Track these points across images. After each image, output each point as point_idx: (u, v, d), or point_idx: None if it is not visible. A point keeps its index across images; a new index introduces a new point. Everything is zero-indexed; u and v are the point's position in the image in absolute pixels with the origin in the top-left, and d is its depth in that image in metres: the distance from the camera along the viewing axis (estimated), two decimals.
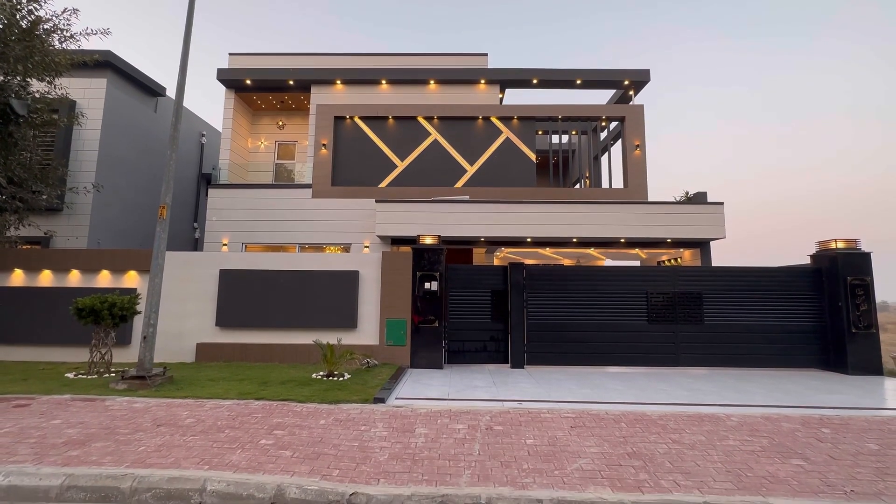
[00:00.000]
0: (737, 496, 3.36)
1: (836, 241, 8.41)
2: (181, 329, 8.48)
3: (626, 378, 7.37)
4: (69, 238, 11.18)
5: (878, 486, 3.57)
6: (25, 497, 3.32)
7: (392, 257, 8.69)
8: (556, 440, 4.38)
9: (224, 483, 3.37)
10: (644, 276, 8.85)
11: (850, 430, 4.76)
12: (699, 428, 4.75)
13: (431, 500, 3.28)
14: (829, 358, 8.24)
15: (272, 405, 5.33)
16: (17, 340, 8.36)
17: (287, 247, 12.66)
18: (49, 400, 5.43)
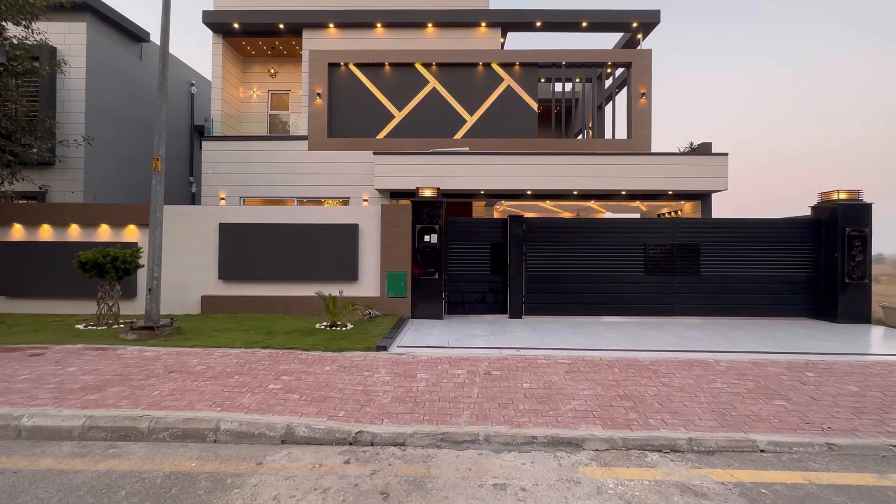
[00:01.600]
0: (720, 433, 3.57)
1: (838, 192, 8.35)
2: (185, 282, 8.61)
3: (621, 327, 7.58)
4: (65, 193, 11.07)
5: (853, 423, 3.78)
6: (50, 436, 3.53)
7: (391, 210, 8.66)
8: (551, 384, 4.58)
9: (236, 423, 3.57)
10: (643, 228, 8.87)
11: (833, 374, 4.97)
12: (689, 372, 4.96)
13: (433, 437, 3.49)
14: (821, 308, 8.44)
15: (278, 353, 5.53)
16: (25, 294, 8.52)
17: (285, 200, 12.57)
18: (62, 349, 5.62)
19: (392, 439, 3.48)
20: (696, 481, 2.97)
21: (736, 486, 2.92)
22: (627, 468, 3.14)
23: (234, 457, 3.25)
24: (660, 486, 2.91)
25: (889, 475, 3.07)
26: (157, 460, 3.19)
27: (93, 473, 2.99)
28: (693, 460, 3.26)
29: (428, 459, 3.23)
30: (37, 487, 2.81)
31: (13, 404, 3.86)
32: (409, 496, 2.75)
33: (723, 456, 3.34)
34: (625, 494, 2.80)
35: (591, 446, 3.43)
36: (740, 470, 3.13)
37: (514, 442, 3.47)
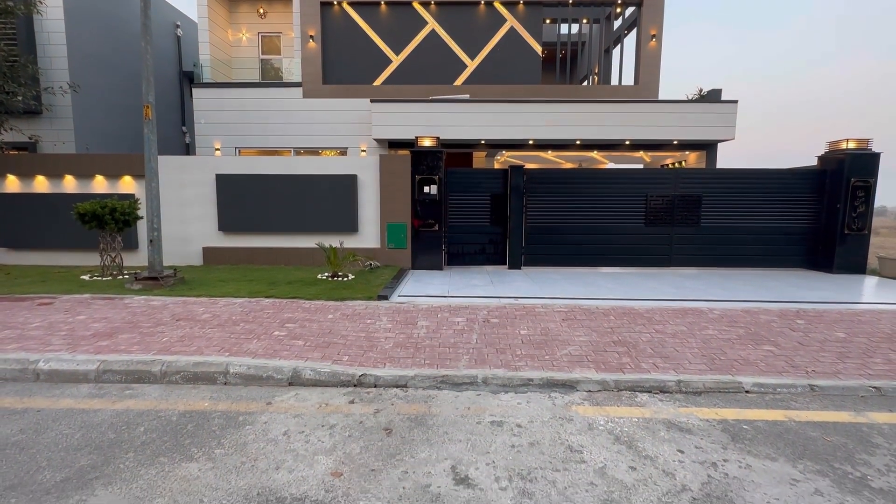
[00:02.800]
0: (708, 375, 3.73)
1: (847, 141, 8.16)
2: (185, 234, 8.63)
3: (619, 277, 7.70)
4: (56, 143, 10.82)
5: (837, 367, 3.94)
6: (67, 379, 3.69)
7: (390, 161, 8.51)
8: (548, 331, 4.72)
9: (245, 367, 3.72)
10: (645, 178, 8.75)
11: (822, 322, 5.11)
12: (682, 320, 5.09)
13: (433, 379, 3.65)
14: (818, 258, 8.51)
15: (282, 302, 5.65)
16: (28, 246, 8.56)
17: (281, 151, 12.31)
18: (70, 299, 5.74)
19: (394, 381, 3.64)
20: (682, 419, 3.14)
21: (720, 422, 3.09)
22: (618, 407, 3.31)
23: (245, 397, 3.42)
24: (647, 423, 3.08)
25: (865, 413, 3.24)
26: (172, 400, 3.35)
27: (111, 412, 3.16)
28: (681, 400, 3.43)
29: (429, 400, 3.40)
30: (60, 424, 2.98)
31: (29, 350, 4.00)
32: (412, 432, 2.92)
33: (709, 396, 3.51)
34: (614, 430, 2.97)
35: (584, 388, 3.60)
36: (725, 409, 3.30)
37: (510, 384, 3.63)
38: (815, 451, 2.74)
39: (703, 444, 2.80)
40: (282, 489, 2.33)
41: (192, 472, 2.47)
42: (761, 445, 2.80)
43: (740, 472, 2.53)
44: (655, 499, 2.29)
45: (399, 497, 2.28)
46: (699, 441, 2.84)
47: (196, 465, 2.54)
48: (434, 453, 2.68)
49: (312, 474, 2.46)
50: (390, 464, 2.57)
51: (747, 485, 2.41)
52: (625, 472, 2.52)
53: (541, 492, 2.33)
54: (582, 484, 2.40)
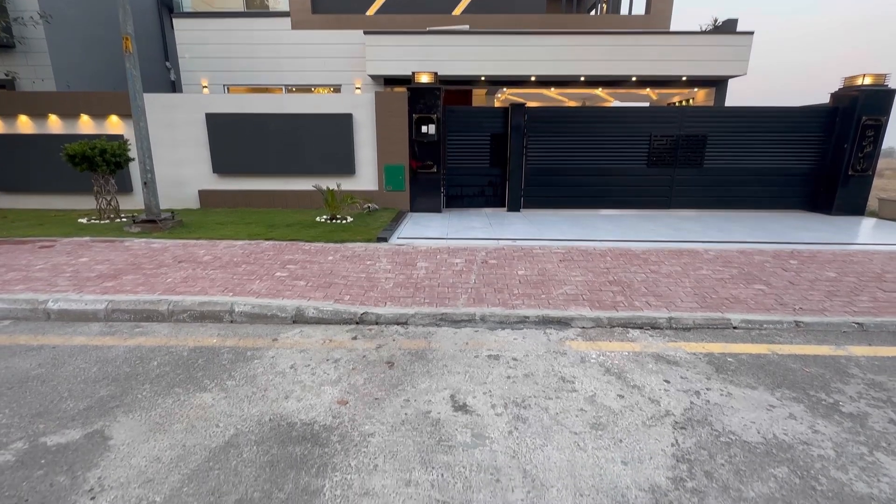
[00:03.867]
0: (698, 313, 3.86)
1: (863, 77, 7.81)
2: (179, 176, 8.48)
3: (617, 219, 7.70)
4: (34, 80, 10.29)
5: (824, 304, 4.07)
6: (77, 318, 3.80)
7: (386, 98, 8.17)
8: (545, 271, 4.81)
9: (249, 306, 3.82)
10: (650, 117, 8.46)
11: (815, 262, 5.19)
12: (677, 260, 5.17)
13: (432, 317, 3.77)
14: (818, 200, 8.47)
15: (282, 244, 5.69)
16: (20, 188, 8.44)
17: (271, 88, 11.77)
18: (70, 241, 5.76)
19: (395, 319, 3.76)
20: (670, 352, 3.29)
21: (705, 355, 3.25)
22: (610, 342, 3.45)
23: (251, 334, 3.55)
24: (637, 356, 3.23)
25: (845, 347, 3.40)
26: (181, 337, 3.48)
27: (124, 348, 3.29)
28: (670, 336, 3.58)
29: (428, 336, 3.54)
30: (76, 359, 3.12)
31: (36, 290, 4.08)
32: (412, 365, 3.07)
33: (698, 332, 3.65)
34: (605, 363, 3.12)
35: (578, 325, 3.73)
36: (712, 343, 3.45)
37: (507, 321, 3.76)
38: (794, 381, 2.90)
39: (688, 375, 2.96)
40: (292, 415, 2.50)
41: (206, 401, 2.63)
42: (743, 376, 2.96)
43: (721, 399, 2.70)
44: (640, 422, 2.46)
45: (402, 422, 2.45)
46: (685, 372, 3.00)
47: (210, 395, 2.69)
48: (434, 384, 2.83)
49: (320, 403, 2.62)
50: (393, 393, 2.73)
51: (727, 410, 2.58)
52: (613, 399, 2.68)
53: (534, 417, 2.50)
54: (572, 410, 2.57)
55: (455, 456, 2.19)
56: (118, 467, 2.10)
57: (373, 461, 2.15)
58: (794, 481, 2.04)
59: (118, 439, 2.29)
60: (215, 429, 2.38)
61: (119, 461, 2.14)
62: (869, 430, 2.41)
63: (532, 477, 2.06)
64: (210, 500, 1.91)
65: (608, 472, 2.10)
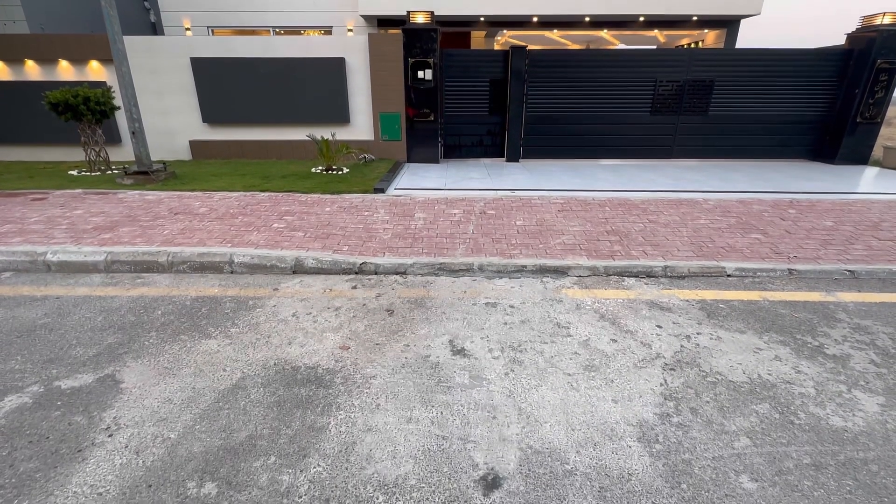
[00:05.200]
0: (693, 261, 3.90)
1: (883, 16, 7.40)
2: (169, 126, 8.22)
3: (618, 169, 7.59)
4: (5, 22, 9.68)
5: (818, 252, 4.11)
6: (77, 270, 3.83)
7: (380, 41, 7.75)
8: (543, 221, 4.80)
9: (248, 256, 3.84)
10: (656, 61, 8.09)
11: (813, 211, 5.19)
12: (676, 210, 5.16)
13: (431, 266, 3.81)
14: (823, 149, 8.31)
15: (278, 196, 5.62)
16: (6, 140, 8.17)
17: (259, 31, 11.14)
18: (63, 194, 5.68)
19: (394, 269, 3.80)
20: (664, 299, 3.36)
21: (698, 302, 3.32)
22: (605, 290, 3.52)
23: (252, 284, 3.60)
24: (631, 303, 3.31)
25: (835, 293, 3.47)
26: (183, 287, 3.53)
27: (127, 298, 3.34)
28: (665, 283, 3.64)
29: (427, 285, 3.59)
30: (81, 309, 3.17)
31: (34, 243, 4.08)
32: (412, 312, 3.14)
33: (692, 280, 3.71)
34: (599, 309, 3.20)
35: (574, 273, 3.78)
36: (705, 290, 3.52)
37: (505, 270, 3.80)
38: (782, 326, 2.99)
39: (679, 321, 3.05)
40: (296, 360, 2.58)
41: (212, 347, 2.71)
42: (733, 321, 3.05)
43: (710, 342, 2.79)
44: (631, 364, 2.56)
45: (402, 365, 2.54)
46: (677, 318, 3.09)
47: (215, 342, 2.77)
48: (433, 330, 2.91)
49: (322, 348, 2.71)
50: (393, 339, 2.81)
51: (715, 353, 2.68)
52: (606, 343, 2.77)
53: (529, 360, 2.60)
54: (567, 354, 2.66)
55: (453, 396, 2.30)
56: (132, 408, 2.20)
57: (375, 401, 2.25)
58: (774, 416, 2.16)
59: (129, 383, 2.38)
60: (222, 373, 2.47)
61: (132, 402, 2.23)
62: (850, 371, 2.51)
63: (527, 414, 2.17)
64: (222, 437, 2.02)
65: (599, 409, 2.21)
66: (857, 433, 2.06)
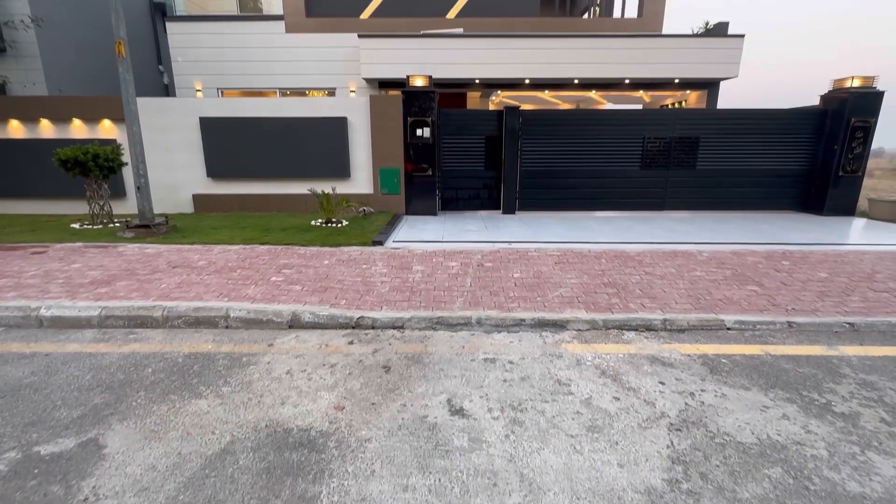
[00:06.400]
0: (692, 314, 3.89)
1: (851, 79, 7.92)
2: (174, 181, 8.44)
3: (612, 221, 7.74)
4: (25, 84, 10.23)
5: (815, 305, 4.11)
6: (70, 325, 3.77)
7: (381, 102, 8.18)
8: (540, 274, 4.83)
9: (245, 311, 3.81)
10: (643, 119, 8.53)
11: (807, 262, 5.25)
12: (672, 262, 5.21)
13: (428, 320, 3.77)
14: (810, 201, 8.56)
15: (277, 249, 5.67)
16: (13, 194, 8.36)
17: (266, 92, 11.75)
18: (63, 247, 5.72)
19: (391, 323, 3.76)
20: (665, 354, 3.31)
21: (700, 357, 3.27)
22: (605, 344, 3.47)
23: (247, 340, 3.54)
24: (632, 358, 3.25)
25: (837, 347, 3.43)
26: (176, 343, 3.46)
27: (118, 355, 3.27)
28: (665, 337, 3.60)
29: (425, 339, 3.54)
30: (69, 367, 3.09)
31: (28, 297, 4.05)
32: (409, 369, 3.07)
33: (692, 333, 3.68)
34: (601, 365, 3.14)
35: (573, 327, 3.75)
36: (706, 344, 3.47)
37: (503, 324, 3.77)
38: (787, 381, 2.93)
39: (682, 377, 2.99)
40: (288, 421, 2.49)
41: (202, 408, 2.61)
42: (737, 377, 2.99)
43: (716, 400, 2.72)
44: (636, 424, 2.48)
45: (399, 427, 2.45)
46: (679, 374, 3.02)
47: (205, 402, 2.68)
48: (430, 388, 2.84)
49: (316, 408, 2.62)
50: (389, 398, 2.73)
51: (721, 411, 2.60)
52: (609, 401, 2.70)
53: (530, 420, 2.51)
54: (569, 413, 2.58)
55: (452, 460, 2.20)
56: (113, 476, 2.08)
57: (370, 467, 2.15)
58: (787, 481, 2.06)
59: (113, 447, 2.28)
60: (211, 436, 2.37)
61: (114, 470, 2.12)
62: (861, 430, 2.43)
63: (529, 481, 2.07)
64: None
65: (604, 475, 2.11)
66: (877, 500, 1.96)
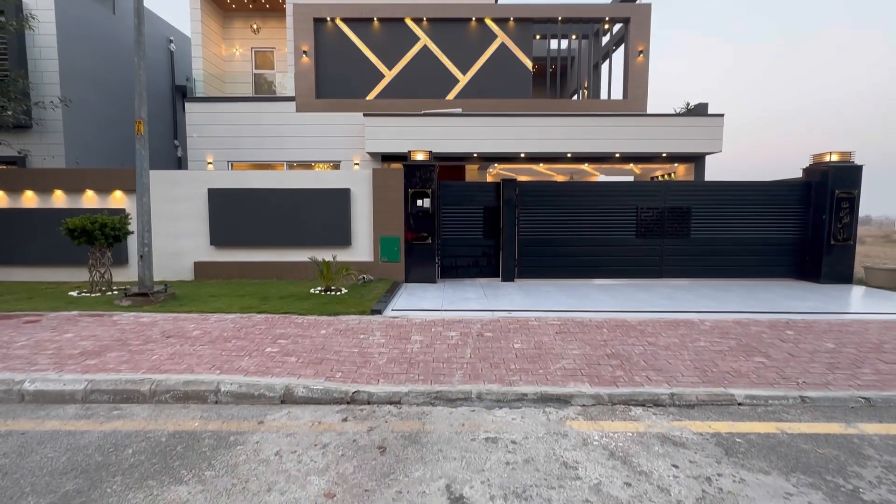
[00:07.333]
0: (701, 388, 3.75)
1: (830, 154, 8.36)
2: (176, 248, 8.56)
3: (611, 289, 7.74)
4: (45, 157, 10.74)
5: (827, 377, 3.98)
6: (53, 400, 3.61)
7: (383, 174, 8.55)
8: (541, 344, 4.73)
9: (236, 385, 3.67)
10: (635, 191, 8.87)
11: (811, 332, 5.17)
12: (674, 332, 5.13)
13: (427, 395, 3.63)
14: (806, 269, 8.64)
15: (274, 318, 5.60)
16: (15, 261, 8.43)
17: (274, 164, 12.33)
18: (58, 316, 5.65)
19: (388, 398, 3.61)
20: (676, 432, 3.14)
21: (713, 436, 3.10)
22: (612, 422, 3.31)
23: (236, 416, 3.37)
24: (642, 437, 3.08)
25: (855, 424, 3.27)
26: (161, 421, 3.29)
27: (98, 434, 3.09)
28: (674, 413, 3.44)
29: (423, 416, 3.37)
30: (45, 447, 2.91)
31: (14, 370, 3.92)
32: (406, 450, 2.89)
33: (702, 409, 3.52)
34: (609, 445, 2.96)
35: (578, 402, 3.59)
36: (718, 422, 3.31)
37: (505, 399, 3.62)
38: (808, 464, 2.75)
39: (697, 459, 2.81)
40: None
41: (181, 496, 2.42)
42: (755, 459, 2.81)
43: (734, 486, 2.53)
44: None
45: None
46: (693, 455, 2.85)
47: (185, 489, 2.49)
48: (428, 472, 2.65)
49: (305, 496, 2.43)
50: (384, 483, 2.54)
51: (742, 500, 2.41)
52: (620, 488, 2.51)
53: None
54: (577, 501, 2.39)
55: None
56: None
57: None
58: None
59: None
60: None
61: None
62: None
63: None
64: None
65: None
66: None
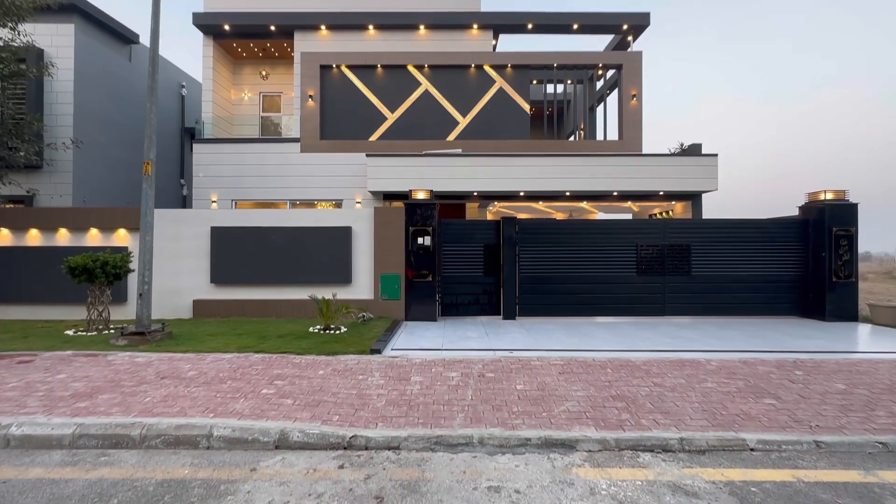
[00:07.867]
0: (710, 432, 3.62)
1: (824, 193, 8.48)
2: (176, 286, 8.54)
3: (613, 327, 7.64)
4: (53, 196, 10.94)
5: (840, 420, 3.85)
6: (40, 445, 3.48)
7: (384, 213, 8.66)
8: (544, 385, 4.61)
9: (230, 429, 3.55)
10: (634, 229, 8.94)
11: (821, 372, 5.05)
12: (680, 372, 5.01)
13: (427, 440, 3.50)
14: (809, 306, 8.55)
15: (272, 357, 5.50)
16: (13, 299, 8.39)
17: (278, 203, 12.52)
18: (52, 356, 5.55)
19: (386, 443, 3.48)
20: (687, 481, 3.00)
21: (726, 484, 2.96)
22: (620, 468, 3.17)
23: (228, 463, 3.24)
24: (651, 486, 2.94)
25: (875, 472, 3.13)
26: (150, 468, 3.16)
27: (84, 482, 2.96)
28: (684, 460, 3.30)
29: (422, 463, 3.24)
30: (26, 498, 2.78)
31: (1, 413, 3.81)
32: (404, 500, 2.76)
33: (713, 455, 3.38)
34: (617, 495, 2.82)
35: (584, 447, 3.46)
36: (731, 469, 3.17)
37: (507, 444, 3.48)
38: None
39: None
40: None
41: None
42: None
43: None
44: None
45: None
46: None
47: None
48: None
49: None
50: None
51: None
52: None
53: None
54: None
55: None
56: None
57: None
58: None
59: None
60: None
61: None
62: None
63: None
64: None
65: None
66: None
